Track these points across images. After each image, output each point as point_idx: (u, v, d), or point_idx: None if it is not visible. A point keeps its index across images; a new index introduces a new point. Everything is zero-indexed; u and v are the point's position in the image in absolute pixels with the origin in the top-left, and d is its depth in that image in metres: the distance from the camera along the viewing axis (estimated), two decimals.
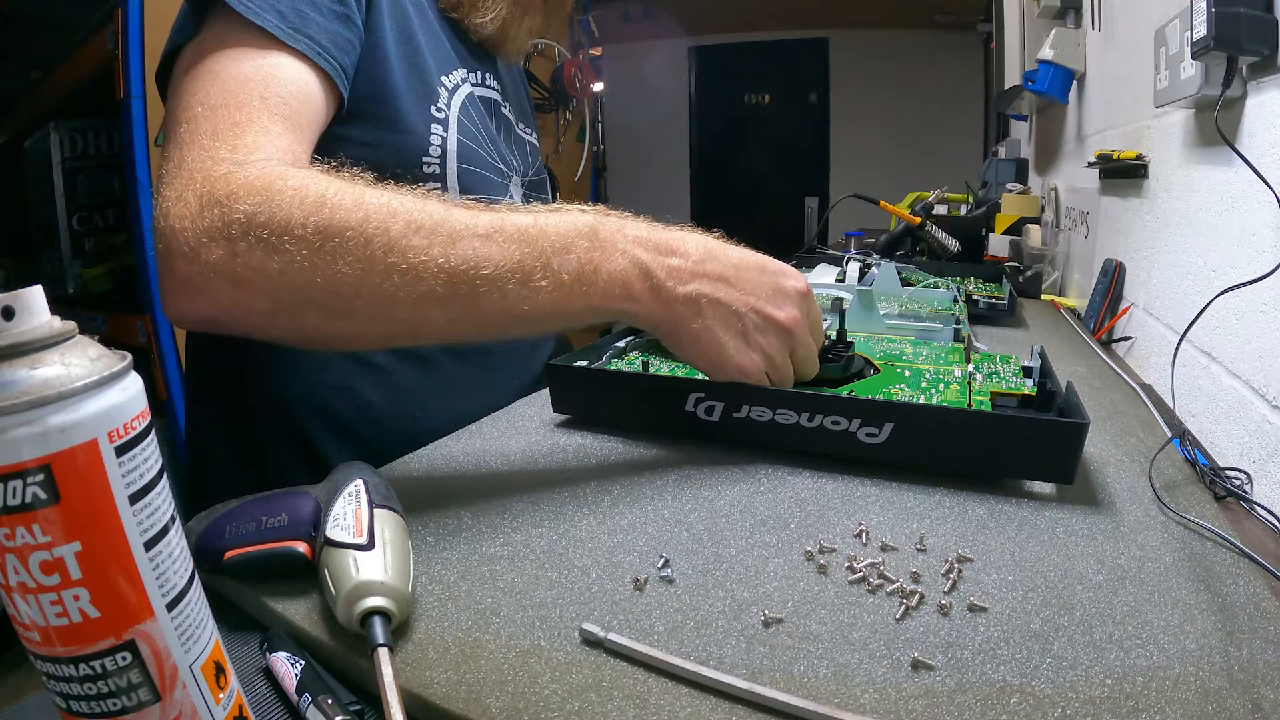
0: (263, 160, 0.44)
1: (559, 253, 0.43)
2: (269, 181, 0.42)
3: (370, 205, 0.41)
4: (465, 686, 0.29)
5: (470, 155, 0.65)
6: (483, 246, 0.42)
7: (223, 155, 0.44)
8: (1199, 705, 0.27)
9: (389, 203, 0.42)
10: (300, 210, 0.41)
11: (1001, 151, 2.15)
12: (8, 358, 0.20)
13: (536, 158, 0.81)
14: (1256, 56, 0.57)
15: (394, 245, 0.41)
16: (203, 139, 0.45)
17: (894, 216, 1.42)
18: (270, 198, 0.41)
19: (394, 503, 0.37)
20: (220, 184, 0.42)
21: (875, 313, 0.78)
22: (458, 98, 0.66)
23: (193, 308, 0.43)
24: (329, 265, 0.40)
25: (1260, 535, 0.44)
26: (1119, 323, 0.93)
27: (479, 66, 0.72)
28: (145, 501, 0.22)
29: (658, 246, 0.46)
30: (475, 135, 0.67)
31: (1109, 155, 0.95)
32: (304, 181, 0.42)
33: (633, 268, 0.45)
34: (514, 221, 0.43)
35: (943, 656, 0.30)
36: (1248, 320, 0.58)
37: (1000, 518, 0.43)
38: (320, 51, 0.52)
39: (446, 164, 0.63)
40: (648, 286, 0.45)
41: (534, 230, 0.43)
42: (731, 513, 0.44)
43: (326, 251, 0.40)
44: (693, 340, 0.48)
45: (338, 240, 0.40)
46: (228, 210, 0.41)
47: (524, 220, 0.44)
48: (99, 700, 0.22)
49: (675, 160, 4.68)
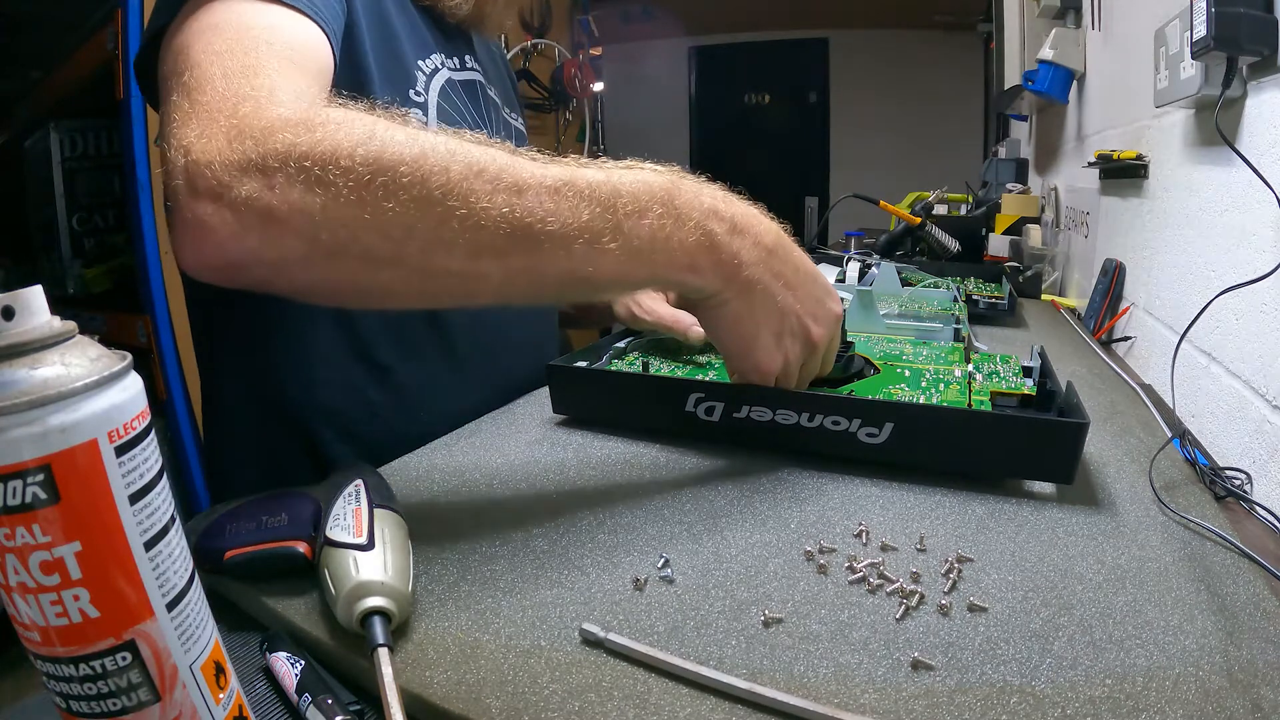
0: (290, 98, 0.40)
1: (632, 215, 0.40)
2: (307, 114, 0.37)
3: (426, 142, 0.37)
4: (465, 686, 0.29)
5: None
6: (550, 200, 0.38)
7: (245, 93, 0.39)
8: (1199, 705, 0.27)
9: (447, 142, 0.38)
10: (349, 141, 0.36)
11: (1001, 151, 2.15)
12: (8, 358, 0.20)
13: (524, 143, 0.80)
14: (1256, 56, 0.57)
15: (453, 187, 0.36)
16: (215, 81, 0.40)
17: (894, 216, 1.42)
18: (312, 129, 0.36)
19: (394, 503, 0.37)
20: (251, 117, 0.37)
21: (875, 312, 0.78)
22: (436, 82, 0.65)
23: (215, 252, 0.37)
24: (379, 203, 0.35)
25: (1260, 535, 0.44)
26: (1119, 323, 0.93)
27: (457, 50, 0.71)
28: (145, 501, 0.22)
29: (733, 223, 0.44)
30: (457, 120, 0.66)
31: (1109, 155, 0.95)
32: (348, 115, 0.38)
33: (704, 240, 0.43)
34: (585, 177, 0.40)
35: (943, 656, 0.30)
36: (1248, 320, 0.58)
37: (1000, 518, 0.43)
38: (318, 10, 0.50)
39: None
40: (713, 261, 0.43)
41: (606, 188, 0.40)
42: (731, 513, 0.44)
43: (377, 186, 0.35)
44: (733, 321, 0.46)
45: (390, 175, 0.35)
46: (263, 142, 0.36)
47: (596, 176, 0.40)
48: (99, 700, 0.22)
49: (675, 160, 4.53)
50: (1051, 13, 1.38)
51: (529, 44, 3.21)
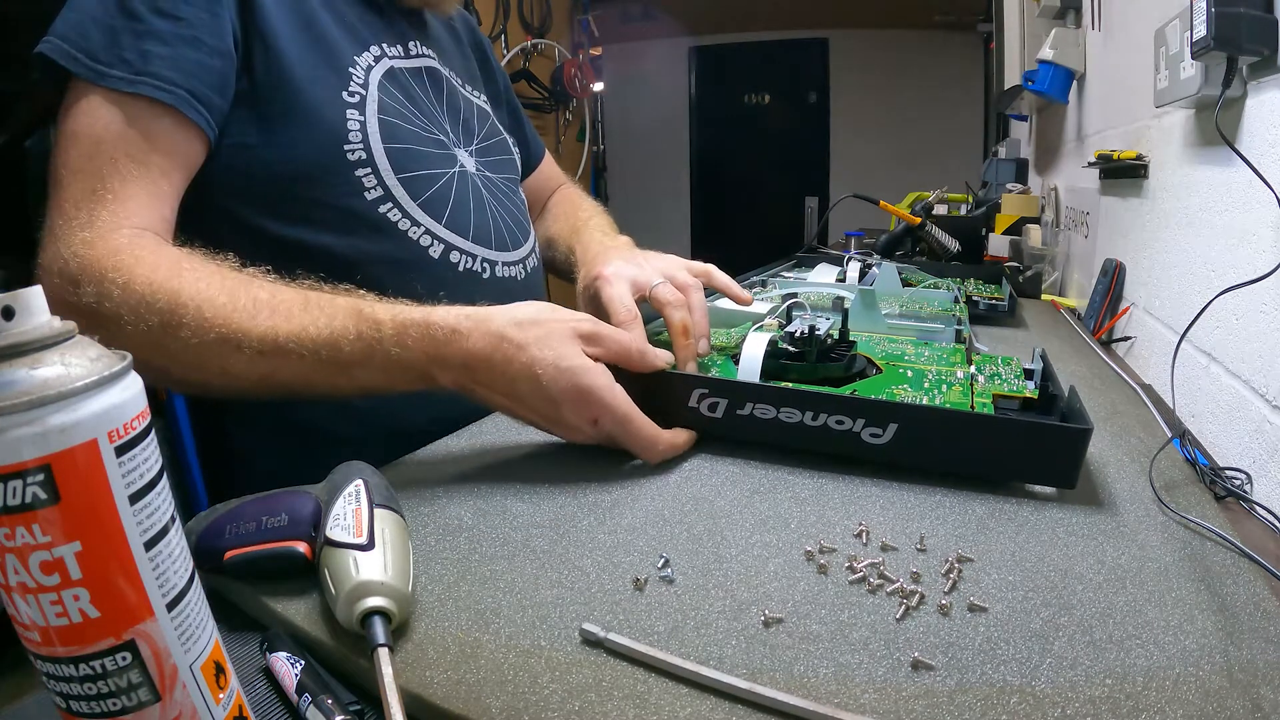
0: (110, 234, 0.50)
1: (355, 366, 0.48)
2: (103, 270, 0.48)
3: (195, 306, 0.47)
4: (465, 686, 0.29)
5: (397, 132, 0.64)
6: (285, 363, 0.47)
7: (79, 226, 0.50)
8: (1199, 705, 0.27)
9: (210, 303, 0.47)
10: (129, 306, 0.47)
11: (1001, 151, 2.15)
12: (8, 358, 0.20)
13: (487, 122, 0.79)
14: (1256, 56, 0.57)
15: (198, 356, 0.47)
16: (66, 207, 0.51)
17: (894, 216, 1.42)
18: (103, 286, 0.47)
19: (394, 503, 0.37)
20: (73, 261, 0.48)
21: (877, 312, 0.78)
22: (375, 76, 0.64)
23: None
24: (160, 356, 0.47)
25: (1260, 535, 0.44)
26: (1119, 323, 0.93)
27: (400, 37, 0.70)
28: (145, 501, 0.22)
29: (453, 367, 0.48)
30: (400, 111, 0.65)
31: (1109, 155, 0.95)
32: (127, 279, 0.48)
33: (423, 378, 0.48)
34: (311, 334, 0.47)
35: (943, 656, 0.30)
36: (1248, 320, 0.58)
37: (1000, 518, 0.43)
38: (164, 86, 0.53)
39: (371, 147, 0.62)
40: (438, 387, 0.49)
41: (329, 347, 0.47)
42: (731, 513, 0.44)
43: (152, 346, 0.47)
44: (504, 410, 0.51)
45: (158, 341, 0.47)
46: (76, 291, 0.48)
47: (321, 333, 0.47)
48: (99, 700, 0.22)
49: (675, 160, 4.68)
50: (1051, 13, 1.38)
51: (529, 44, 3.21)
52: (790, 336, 0.60)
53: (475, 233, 0.69)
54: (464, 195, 0.69)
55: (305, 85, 0.59)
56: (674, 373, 0.57)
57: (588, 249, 0.74)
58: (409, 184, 0.64)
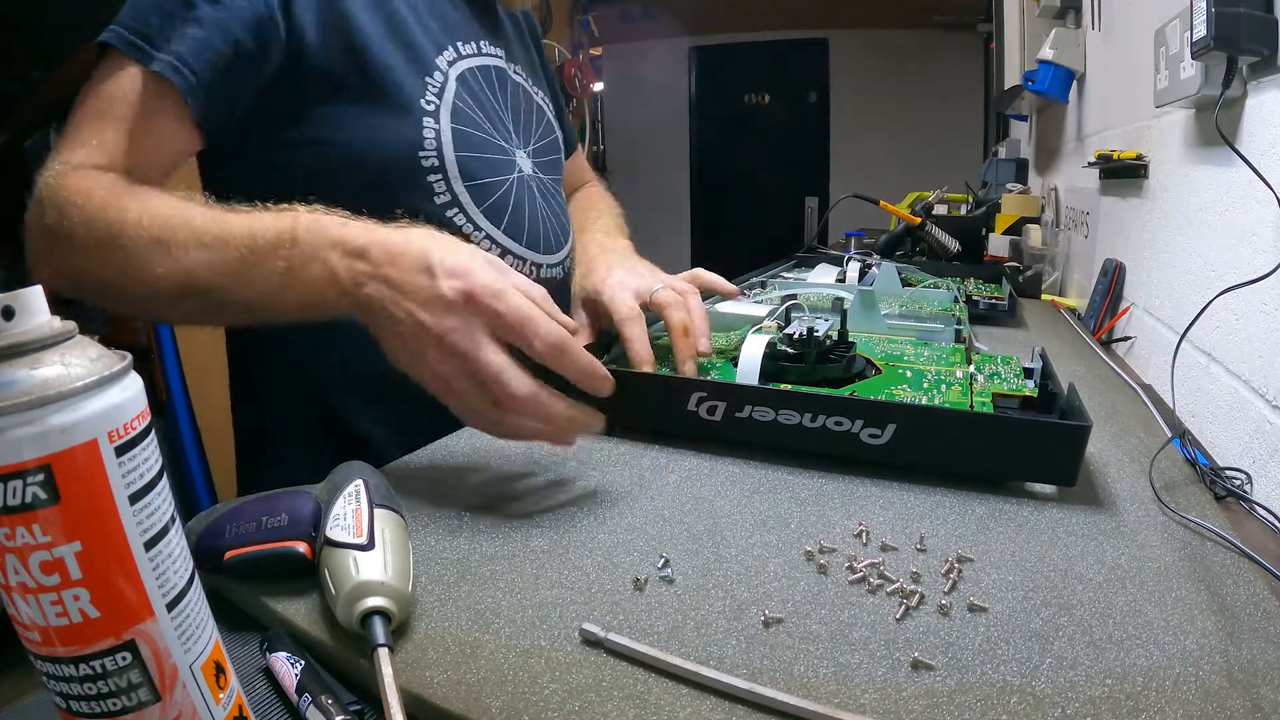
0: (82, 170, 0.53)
1: (267, 257, 0.46)
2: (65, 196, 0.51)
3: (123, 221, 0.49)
4: (465, 686, 0.29)
5: (467, 140, 0.66)
6: (205, 254, 0.47)
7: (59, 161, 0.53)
8: (1199, 705, 0.27)
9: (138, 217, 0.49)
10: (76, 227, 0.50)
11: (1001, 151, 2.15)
12: (8, 358, 0.20)
13: (544, 120, 0.80)
14: (1256, 56, 0.57)
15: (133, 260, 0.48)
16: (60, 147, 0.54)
17: (894, 216, 1.42)
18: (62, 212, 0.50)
19: (394, 503, 0.37)
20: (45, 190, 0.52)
21: (876, 313, 0.78)
22: (451, 80, 0.66)
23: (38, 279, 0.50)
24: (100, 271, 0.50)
25: (1260, 535, 0.44)
26: (1119, 323, 0.93)
27: (474, 34, 0.71)
28: (145, 501, 0.22)
29: (352, 250, 0.45)
30: (471, 118, 0.67)
31: (1109, 155, 0.95)
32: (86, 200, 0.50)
33: (324, 273, 0.45)
34: (233, 229, 0.47)
35: (943, 656, 0.30)
36: (1248, 320, 0.58)
37: (1000, 518, 0.43)
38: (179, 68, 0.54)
39: (444, 154, 0.64)
40: (338, 291, 0.45)
41: (246, 237, 0.47)
42: (731, 513, 0.44)
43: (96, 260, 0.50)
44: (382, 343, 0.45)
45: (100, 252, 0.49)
46: (43, 215, 0.51)
47: (241, 228, 0.47)
48: (99, 700, 0.22)
49: (675, 160, 4.68)
50: (1051, 13, 1.38)
51: None
52: (789, 338, 0.60)
53: (528, 238, 0.70)
54: (520, 200, 0.71)
55: (389, 89, 0.61)
56: (672, 376, 0.57)
57: (586, 249, 0.76)
58: (475, 191, 0.66)
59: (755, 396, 0.50)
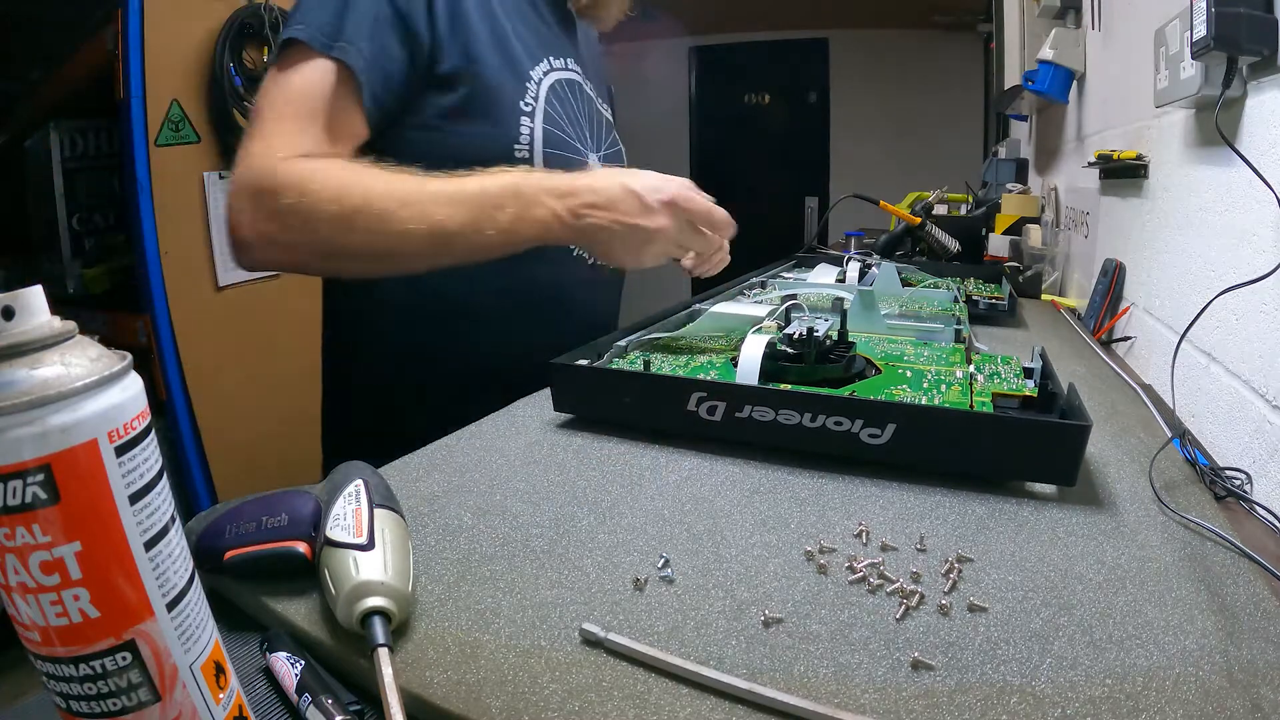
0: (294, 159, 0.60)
1: (500, 207, 0.61)
2: (298, 179, 0.59)
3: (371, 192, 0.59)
4: (465, 686, 0.29)
5: (554, 140, 0.74)
6: (449, 209, 0.60)
7: (279, 149, 0.60)
8: (1199, 705, 0.27)
9: (384, 187, 0.60)
10: (324, 204, 0.58)
11: (1001, 151, 2.15)
12: (8, 358, 0.20)
13: (611, 131, 0.87)
14: (1256, 56, 0.57)
15: (386, 220, 0.59)
16: (269, 137, 0.61)
17: (894, 216, 1.42)
18: (303, 192, 0.58)
19: (394, 503, 0.37)
20: (279, 174, 0.59)
21: (876, 313, 0.78)
22: (544, 88, 0.74)
23: (254, 261, 0.61)
24: (346, 237, 0.59)
25: (1260, 535, 0.44)
26: (1119, 323, 0.93)
27: (562, 49, 0.78)
28: (145, 501, 0.22)
29: (564, 192, 0.62)
30: (558, 120, 0.74)
31: (1109, 155, 0.95)
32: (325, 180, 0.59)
33: (546, 214, 0.62)
34: (466, 189, 0.61)
35: (943, 656, 0.30)
36: (1248, 320, 0.58)
37: (1000, 518, 0.43)
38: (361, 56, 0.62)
39: (535, 150, 0.72)
40: (561, 225, 0.62)
41: (479, 193, 0.61)
42: (731, 513, 0.44)
43: (343, 227, 0.59)
44: (603, 254, 0.66)
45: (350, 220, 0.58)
46: (278, 199, 0.58)
47: (474, 186, 0.61)
48: (99, 700, 0.22)
49: (675, 160, 4.67)
50: (1051, 13, 1.38)
51: None
52: (789, 338, 0.60)
53: None
54: None
55: (495, 89, 0.69)
56: (671, 375, 0.57)
57: None
58: None
59: (755, 396, 0.50)
